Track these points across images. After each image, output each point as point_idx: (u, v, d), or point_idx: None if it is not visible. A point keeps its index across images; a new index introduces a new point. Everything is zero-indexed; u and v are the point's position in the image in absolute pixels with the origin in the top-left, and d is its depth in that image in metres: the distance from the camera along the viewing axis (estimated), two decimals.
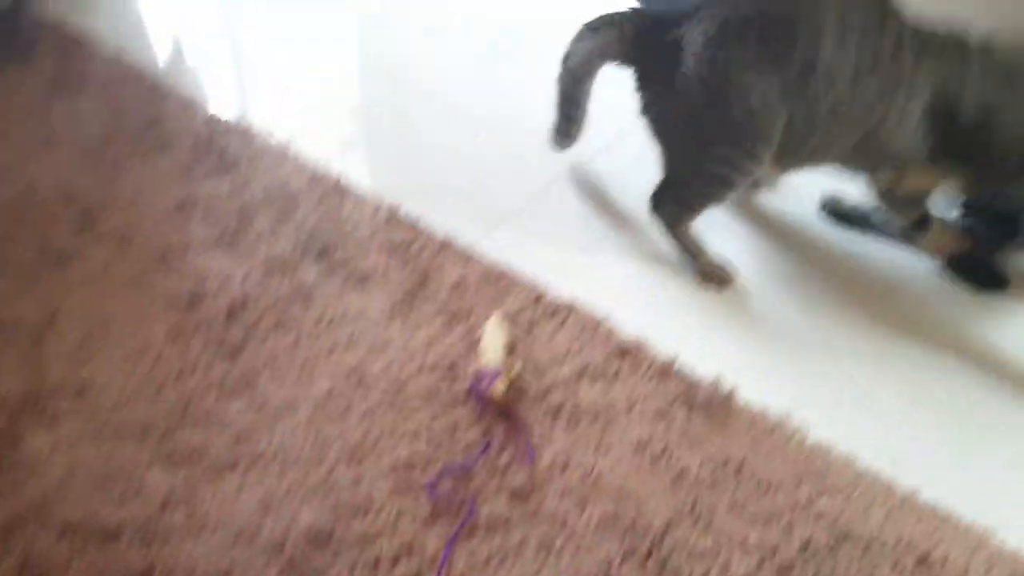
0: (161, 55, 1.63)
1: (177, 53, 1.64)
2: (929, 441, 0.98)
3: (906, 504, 0.90)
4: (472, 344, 1.05)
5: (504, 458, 0.93)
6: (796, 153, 1.09)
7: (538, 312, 1.10)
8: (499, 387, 0.97)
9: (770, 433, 0.96)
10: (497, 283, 1.14)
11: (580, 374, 1.02)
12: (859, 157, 1.10)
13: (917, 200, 1.16)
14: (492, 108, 1.50)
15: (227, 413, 0.98)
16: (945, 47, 1.04)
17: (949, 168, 1.09)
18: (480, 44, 1.69)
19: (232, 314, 1.08)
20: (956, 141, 1.05)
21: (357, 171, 1.35)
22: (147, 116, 1.41)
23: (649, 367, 1.02)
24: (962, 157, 1.07)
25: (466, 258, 1.18)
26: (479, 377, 0.98)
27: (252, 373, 1.02)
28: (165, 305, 1.10)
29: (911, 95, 1.03)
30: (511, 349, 1.03)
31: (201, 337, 1.06)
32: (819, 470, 0.92)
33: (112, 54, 1.54)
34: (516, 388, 0.99)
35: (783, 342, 1.09)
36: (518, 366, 1.00)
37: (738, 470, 0.92)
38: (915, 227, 1.18)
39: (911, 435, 0.98)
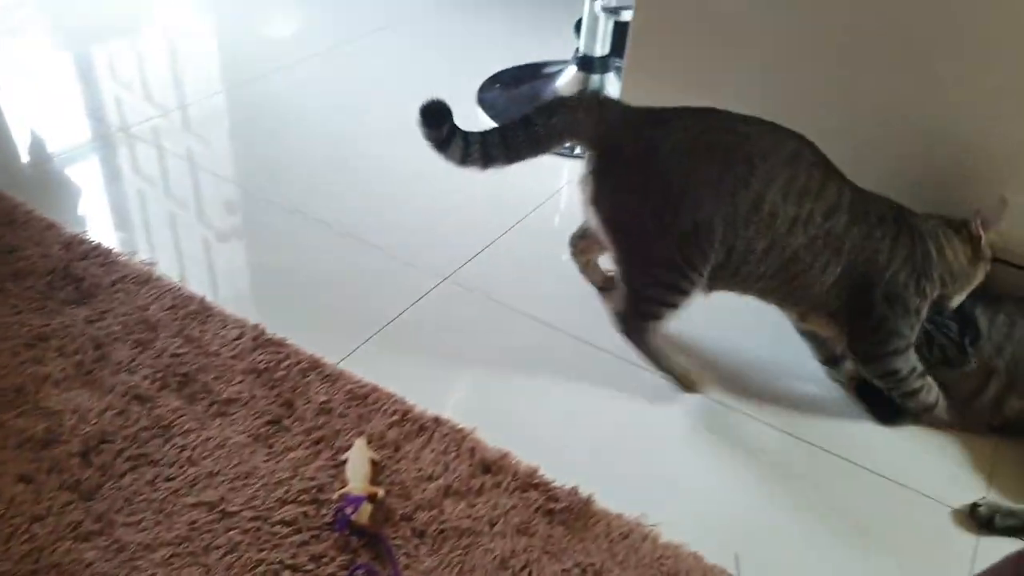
0: (19, 177, 1.61)
1: (38, 174, 1.62)
2: (767, 536, 1.04)
3: None
4: (339, 469, 1.06)
5: None
6: (726, 279, 1.15)
7: (404, 430, 1.12)
8: (363, 514, 0.98)
9: (625, 536, 1.00)
10: (364, 402, 1.16)
11: (445, 492, 1.04)
12: (775, 292, 1.17)
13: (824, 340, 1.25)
14: (357, 225, 1.55)
15: (82, 560, 0.94)
16: (882, 219, 1.12)
17: (845, 324, 1.17)
18: (342, 161, 1.76)
19: (88, 453, 1.05)
20: (857, 305, 1.13)
21: (222, 293, 1.36)
22: (2, 245, 1.38)
23: (512, 479, 1.06)
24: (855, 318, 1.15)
25: (333, 379, 1.19)
26: (344, 504, 0.99)
27: (109, 515, 0.99)
28: (17, 446, 1.06)
29: (835, 255, 1.11)
30: (377, 472, 1.05)
31: (55, 479, 1.02)
32: (670, 569, 0.97)
33: None
34: (383, 512, 1.01)
35: (639, 448, 1.15)
36: (381, 492, 1.02)
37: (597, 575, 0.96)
38: (826, 361, 1.28)
39: (752, 532, 1.04)
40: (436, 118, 1.18)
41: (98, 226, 1.50)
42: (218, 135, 1.82)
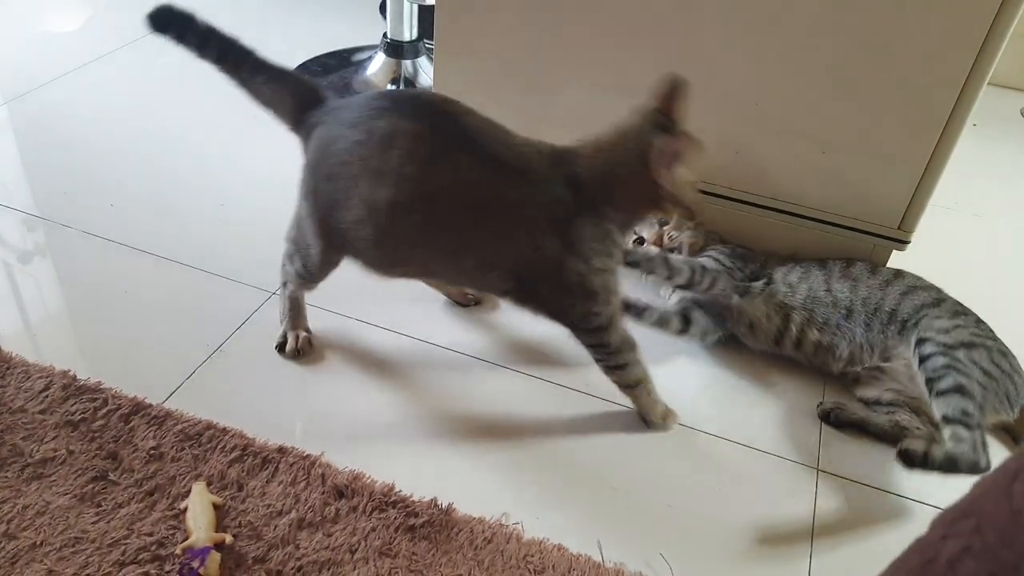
0: None
1: None
2: (624, 518, 1.09)
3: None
4: (179, 519, 0.99)
5: None
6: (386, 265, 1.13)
7: (246, 466, 1.07)
8: (212, 564, 0.92)
9: (489, 540, 1.01)
10: (198, 442, 1.09)
11: (299, 525, 1.00)
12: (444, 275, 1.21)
13: None
14: (168, 245, 1.44)
15: None
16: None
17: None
18: (145, 175, 1.63)
19: None
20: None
21: (19, 339, 1.23)
22: None
23: (368, 501, 1.04)
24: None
25: (160, 420, 1.11)
26: (188, 557, 0.93)
27: None
28: None
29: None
30: (221, 517, 1.00)
31: None
32: (537, 566, 0.99)
33: None
34: (233, 558, 0.96)
35: (491, 447, 1.16)
36: (229, 538, 0.97)
37: None
38: None
39: (609, 516, 1.09)
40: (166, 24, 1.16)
41: None
42: (1, 154, 1.63)
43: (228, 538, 0.97)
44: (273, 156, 1.72)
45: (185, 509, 1.00)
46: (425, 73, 1.96)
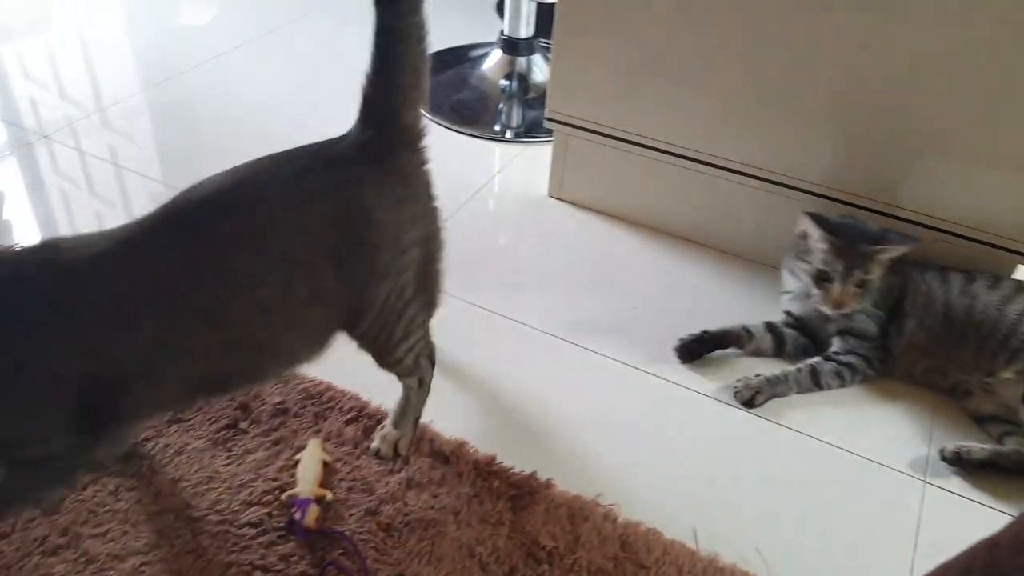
0: None
1: None
2: (723, 511, 1.12)
3: (710, 567, 1.03)
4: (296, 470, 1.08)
5: None
6: None
7: (361, 426, 1.15)
8: (311, 516, 1.01)
9: (586, 518, 1.06)
10: (319, 401, 1.18)
11: (407, 485, 1.08)
12: None
13: None
14: None
15: (51, 574, 0.95)
16: None
17: None
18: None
19: None
20: None
21: None
22: None
23: (472, 469, 1.10)
24: None
25: (286, 380, 1.21)
26: (292, 506, 1.02)
27: (75, 528, 0.99)
28: None
29: None
30: (329, 475, 1.08)
31: None
32: (632, 547, 1.04)
33: None
34: (348, 508, 1.04)
35: (592, 430, 1.21)
36: (330, 495, 1.05)
37: (561, 558, 1.01)
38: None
39: (708, 507, 1.12)
40: None
41: (26, 231, 1.46)
42: (140, 134, 1.78)
43: (329, 495, 1.05)
44: None
45: (297, 462, 1.09)
46: (538, 69, 2.02)
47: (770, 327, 1.36)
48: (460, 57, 2.14)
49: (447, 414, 1.19)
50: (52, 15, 2.22)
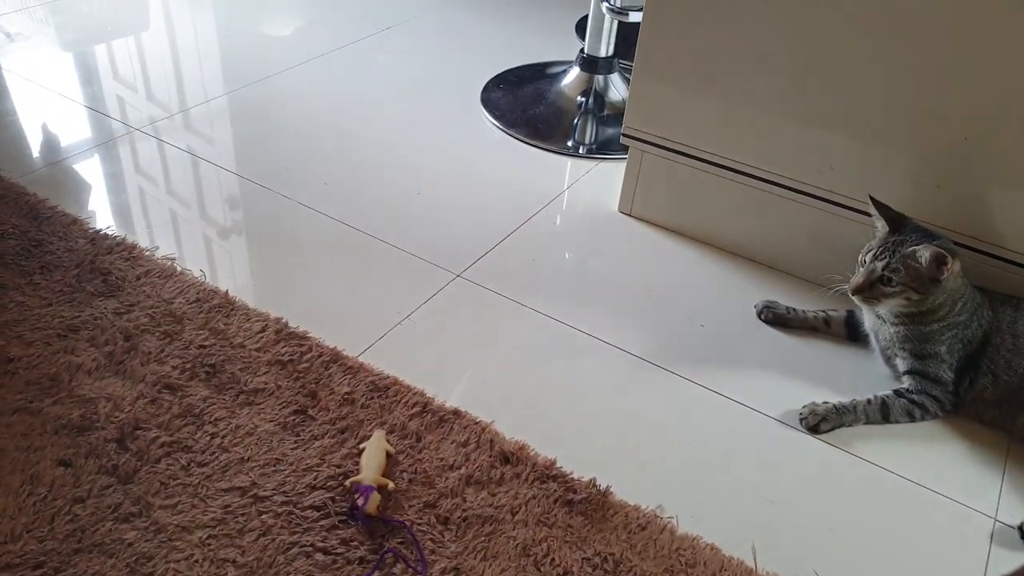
0: (36, 175, 1.63)
1: (53, 172, 1.65)
2: (784, 530, 1.10)
3: None
4: (360, 458, 1.11)
5: (398, 570, 0.99)
6: None
7: (425, 421, 1.17)
8: (372, 503, 1.03)
9: (643, 527, 1.06)
10: (385, 394, 1.21)
11: (467, 481, 1.09)
12: None
13: None
14: (370, 223, 1.59)
15: (123, 540, 0.99)
16: None
17: None
18: (352, 161, 1.80)
19: (123, 439, 1.10)
20: None
21: (243, 287, 1.40)
22: (29, 239, 1.41)
23: (531, 471, 1.11)
24: None
25: (354, 371, 1.24)
26: (355, 492, 1.05)
27: (147, 498, 1.03)
28: (55, 431, 1.10)
29: None
30: (391, 466, 1.10)
31: (94, 463, 1.06)
32: (688, 560, 1.03)
33: None
34: (408, 500, 1.06)
35: (654, 442, 1.21)
36: (392, 485, 1.07)
37: (616, 565, 1.01)
38: None
39: (769, 527, 1.11)
40: None
41: (115, 222, 1.54)
42: (223, 134, 1.85)
43: (391, 484, 1.07)
44: (460, 153, 1.85)
45: (362, 450, 1.12)
46: (615, 89, 2.04)
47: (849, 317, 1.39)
48: (539, 73, 2.17)
49: (511, 415, 1.20)
50: (149, 18, 2.34)
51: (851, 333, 1.40)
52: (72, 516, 1.00)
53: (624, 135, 1.59)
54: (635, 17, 1.76)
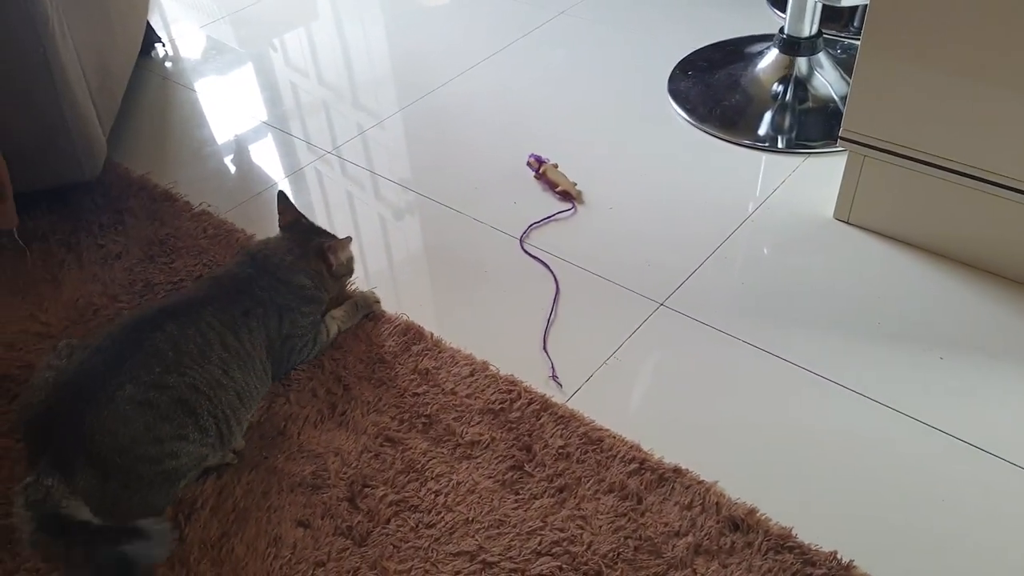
0: (247, 206, 1.71)
1: (260, 201, 1.72)
2: None
3: None
4: (585, 520, 1.09)
5: None
6: None
7: (644, 480, 1.13)
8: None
9: None
10: (599, 447, 1.17)
11: (695, 550, 1.05)
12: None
13: None
14: (554, 242, 1.54)
15: None
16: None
17: None
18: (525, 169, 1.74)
19: (354, 497, 1.13)
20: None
21: (438, 322, 1.40)
22: None
23: (764, 539, 1.05)
24: None
25: (565, 420, 1.21)
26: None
27: (382, 562, 1.06)
28: (291, 489, 1.15)
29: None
30: (614, 530, 1.07)
31: (329, 524, 1.11)
32: None
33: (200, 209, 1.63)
34: (635, 570, 1.03)
35: (904, 508, 1.10)
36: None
37: None
38: None
39: None
40: None
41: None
42: (398, 150, 1.86)
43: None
44: (650, 157, 1.75)
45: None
46: (820, 73, 1.85)
47: None
48: (731, 55, 2.02)
49: (736, 473, 1.13)
50: (317, 10, 2.38)
51: None
52: None
53: (842, 137, 1.44)
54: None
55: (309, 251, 1.32)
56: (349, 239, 1.34)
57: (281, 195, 1.38)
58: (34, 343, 1.39)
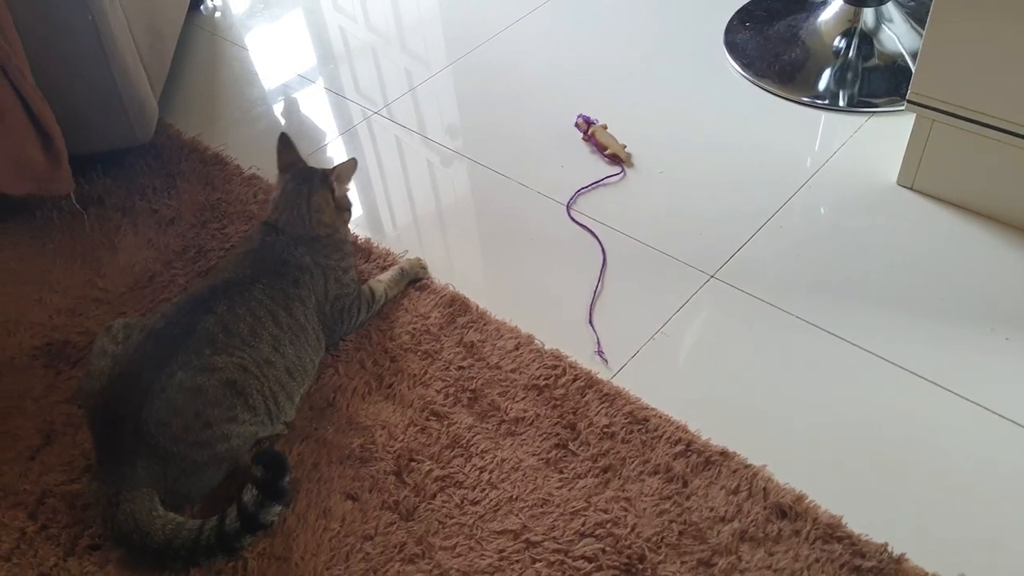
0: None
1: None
2: None
3: None
4: (626, 504, 1.08)
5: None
6: None
7: (690, 462, 1.12)
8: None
9: None
10: (644, 427, 1.16)
11: (741, 537, 1.04)
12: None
13: None
14: (609, 211, 1.51)
15: None
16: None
17: None
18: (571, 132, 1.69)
19: (400, 471, 1.15)
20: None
21: (484, 293, 1.39)
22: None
23: (812, 528, 1.03)
24: None
25: (611, 398, 1.20)
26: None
27: (428, 538, 1.08)
28: (339, 461, 1.17)
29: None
30: (659, 514, 1.07)
31: (377, 498, 1.13)
32: None
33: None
34: (679, 554, 1.02)
35: (960, 500, 1.07)
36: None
37: None
38: None
39: None
40: None
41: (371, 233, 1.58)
42: (435, 61, 1.85)
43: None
44: (704, 116, 1.68)
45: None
46: (888, 27, 1.75)
47: None
48: (792, 4, 1.91)
49: (786, 457, 1.11)
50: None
51: None
52: (364, 554, 1.07)
53: (910, 100, 1.36)
54: None
55: (315, 184, 1.31)
56: (353, 160, 1.33)
57: (283, 136, 1.37)
58: (93, 309, 1.43)
